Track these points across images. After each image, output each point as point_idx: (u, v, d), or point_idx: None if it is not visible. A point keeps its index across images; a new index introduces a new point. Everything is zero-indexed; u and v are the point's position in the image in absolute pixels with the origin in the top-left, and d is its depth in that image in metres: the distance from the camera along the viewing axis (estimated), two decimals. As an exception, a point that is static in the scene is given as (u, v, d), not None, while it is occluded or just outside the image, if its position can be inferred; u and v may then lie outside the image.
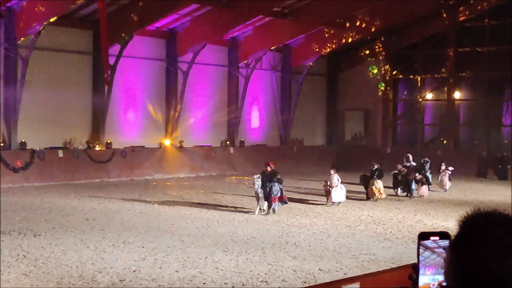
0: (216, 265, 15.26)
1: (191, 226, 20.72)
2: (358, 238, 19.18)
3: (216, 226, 20.71)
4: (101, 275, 14.12)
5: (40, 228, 19.63)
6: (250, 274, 14.42)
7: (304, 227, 20.94)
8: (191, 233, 19.38)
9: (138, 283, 13.53)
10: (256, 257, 16.16)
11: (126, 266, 14.98)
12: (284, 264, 15.45)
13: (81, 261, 15.42)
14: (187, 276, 14.13)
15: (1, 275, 13.92)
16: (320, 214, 23.63)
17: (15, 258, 15.56)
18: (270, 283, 13.78)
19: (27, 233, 18.84)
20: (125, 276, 14.01)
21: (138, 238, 18.38)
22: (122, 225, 20.60)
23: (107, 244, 17.45)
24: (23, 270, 14.44)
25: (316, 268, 15.18)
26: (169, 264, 15.29)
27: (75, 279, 13.69)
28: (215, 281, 13.82)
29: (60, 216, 22.08)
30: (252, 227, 20.60)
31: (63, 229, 19.67)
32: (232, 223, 21.37)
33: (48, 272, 14.26)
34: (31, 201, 25.86)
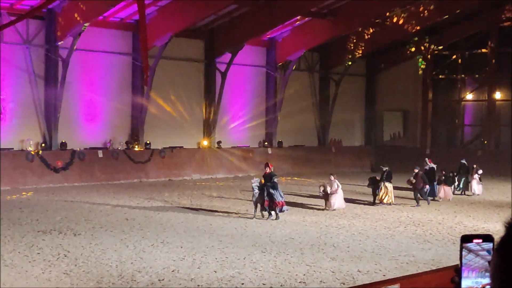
0: (254, 265, 15.26)
1: (229, 226, 20.76)
2: (397, 239, 19.03)
3: (254, 227, 20.72)
4: (140, 274, 14.22)
5: (80, 228, 19.84)
6: (288, 275, 14.39)
7: (342, 228, 20.85)
8: (229, 234, 19.41)
9: (177, 283, 13.59)
10: (294, 258, 16.13)
11: (165, 265, 15.06)
12: (323, 265, 15.40)
13: (121, 260, 15.55)
14: (226, 276, 14.15)
15: (42, 274, 14.10)
16: (358, 215, 23.50)
17: (56, 257, 15.75)
18: (308, 284, 13.74)
19: (68, 232, 19.05)
20: (164, 276, 14.09)
21: (176, 238, 18.48)
22: (161, 225, 20.71)
23: (146, 244, 17.56)
24: (64, 269, 14.61)
25: (355, 269, 15.09)
26: (208, 264, 15.33)
27: (114, 278, 13.80)
28: (253, 281, 13.82)
29: (99, 216, 22.30)
30: (290, 228, 20.57)
31: (102, 228, 19.85)
32: (270, 224, 21.35)
33: (88, 271, 14.40)
34: (71, 201, 26.15)
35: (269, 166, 22.92)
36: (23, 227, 19.86)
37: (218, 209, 24.43)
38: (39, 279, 13.69)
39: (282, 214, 22.27)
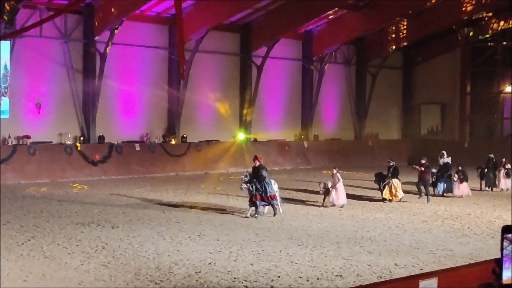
0: (291, 258, 15.28)
1: (265, 219, 20.79)
2: (435, 233, 18.90)
3: (291, 220, 20.73)
4: (177, 266, 14.32)
5: (118, 220, 20.03)
6: (324, 268, 14.38)
7: (379, 221, 20.75)
8: (266, 227, 19.45)
9: (214, 275, 13.66)
10: (330, 251, 16.11)
11: (202, 258, 15.15)
12: (359, 259, 15.36)
13: (158, 252, 15.67)
14: (262, 269, 14.19)
15: (81, 266, 14.28)
16: (395, 209, 23.37)
17: (94, 249, 15.93)
18: (345, 277, 13.71)
19: (106, 225, 19.25)
20: (201, 268, 14.17)
21: (213, 231, 18.56)
22: (197, 218, 20.82)
23: (183, 237, 17.68)
24: (102, 260, 14.77)
25: (392, 263, 15.03)
26: (244, 257, 15.39)
27: (152, 270, 13.92)
28: (289, 274, 13.84)
29: (137, 209, 22.49)
30: (326, 221, 20.54)
31: (140, 221, 20.02)
32: (306, 217, 21.34)
33: (126, 263, 14.54)
34: (109, 194, 26.41)
35: (258, 159, 21.85)
36: (62, 219, 20.12)
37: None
38: (78, 270, 13.86)
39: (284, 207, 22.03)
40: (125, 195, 26.16)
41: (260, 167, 21.62)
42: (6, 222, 19.34)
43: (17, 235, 17.57)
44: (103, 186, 28.95)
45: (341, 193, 23.44)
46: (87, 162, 31.87)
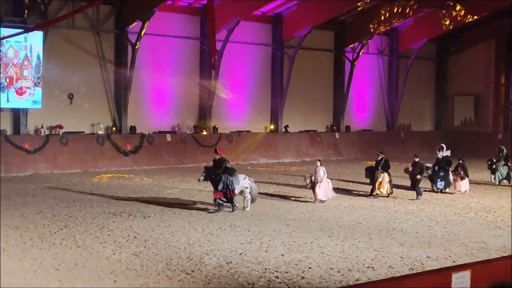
0: (322, 250, 15.28)
1: (296, 210, 20.81)
2: (468, 225, 18.76)
3: (322, 211, 20.70)
4: (208, 257, 14.39)
5: (149, 210, 20.16)
6: (356, 260, 14.36)
7: (411, 213, 20.65)
8: (297, 218, 19.46)
9: (245, 265, 13.71)
10: (362, 243, 16.08)
11: (233, 248, 15.21)
12: (391, 251, 15.31)
13: (189, 242, 15.76)
14: (293, 260, 14.21)
15: (113, 255, 14.42)
16: (428, 201, 23.23)
17: (126, 239, 16.07)
18: (377, 269, 13.68)
19: (137, 214, 19.40)
20: (232, 259, 14.23)
21: (244, 222, 18.62)
22: (228, 208, 20.87)
23: (214, 227, 17.75)
24: (134, 250, 14.90)
25: (424, 255, 14.95)
26: (275, 247, 15.42)
27: (183, 260, 14.01)
28: (320, 265, 13.85)
29: (168, 199, 22.62)
30: (358, 213, 20.49)
31: (171, 211, 20.14)
32: (338, 208, 21.30)
33: (158, 253, 14.65)
34: (141, 184, 26.59)
35: (218, 152, 20.51)
36: (94, 209, 20.31)
37: (285, 193, 24.48)
38: (110, 260, 14.00)
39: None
40: (156, 185, 26.33)
41: (222, 160, 20.34)
42: (39, 212, 19.59)
43: (50, 224, 17.79)
44: (134, 176, 29.16)
45: (326, 188, 22.15)
46: (119, 152, 32.12)
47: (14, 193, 23.42)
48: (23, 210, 19.82)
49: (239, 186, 20.37)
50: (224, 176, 19.95)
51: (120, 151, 32.14)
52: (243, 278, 12.82)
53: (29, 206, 20.54)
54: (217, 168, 20.15)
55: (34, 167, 29.45)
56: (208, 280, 12.63)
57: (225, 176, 19.97)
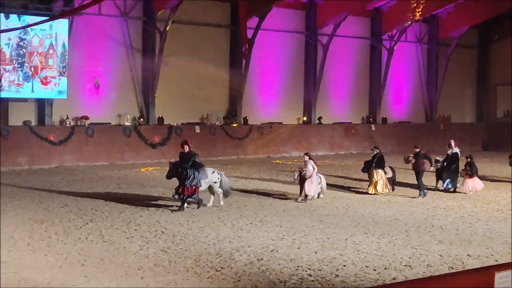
0: (357, 247, 15.23)
1: (330, 206, 20.76)
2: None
3: (357, 207, 20.64)
4: (239, 253, 14.42)
5: (177, 204, 20.22)
6: (392, 258, 14.30)
7: (451, 209, 20.50)
8: (330, 213, 19.42)
9: (276, 262, 13.71)
10: (399, 240, 16.00)
11: (264, 245, 15.22)
12: (430, 248, 15.21)
13: (219, 238, 15.81)
14: (327, 258, 14.19)
15: (140, 251, 14.51)
16: (468, 197, 23.04)
17: (154, 234, 16.16)
18: (414, 267, 13.60)
19: (165, 209, 19.48)
20: (263, 255, 14.24)
21: (275, 217, 18.62)
22: (259, 203, 20.91)
23: (244, 222, 17.79)
24: (161, 246, 14.98)
25: (464, 253, 14.84)
26: (308, 244, 15.40)
27: (212, 257, 14.06)
28: (355, 263, 13.80)
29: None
30: (395, 209, 20.39)
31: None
32: (374, 204, 21.22)
33: (186, 249, 14.71)
34: (169, 177, 26.68)
35: (188, 145, 19.71)
36: (120, 203, 20.44)
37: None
38: (137, 255, 14.09)
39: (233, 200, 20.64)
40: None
41: (190, 153, 19.63)
42: (64, 205, 19.78)
43: (75, 218, 17.95)
44: (162, 168, 29.30)
45: (315, 183, 21.31)
46: (146, 144, 32.29)
47: (39, 185, 23.68)
48: (48, 204, 20.03)
49: (207, 181, 19.77)
50: (191, 171, 19.23)
51: (147, 143, 32.31)
52: (275, 276, 12.82)
53: (54, 200, 20.76)
54: (184, 161, 19.44)
55: (59, 159, 29.73)
56: (238, 278, 12.65)
57: (191, 170, 19.26)
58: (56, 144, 29.82)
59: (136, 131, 32.15)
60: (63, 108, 30.96)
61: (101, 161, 30.59)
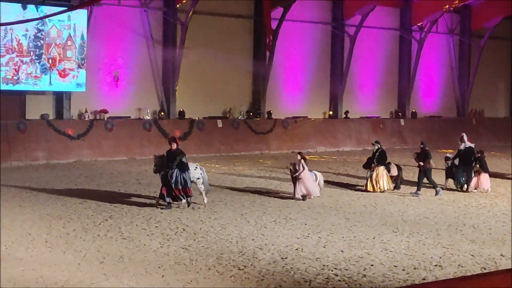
0: (385, 246, 15.19)
1: (357, 203, 20.72)
2: (546, 222, 18.44)
3: (385, 204, 20.58)
4: (262, 251, 14.44)
5: (199, 201, 20.27)
6: (422, 257, 14.24)
7: (483, 208, 20.38)
8: (357, 211, 19.38)
9: (301, 261, 13.71)
10: (429, 239, 15.93)
11: (288, 243, 15.23)
12: (461, 248, 15.13)
13: (241, 236, 15.84)
14: (353, 257, 14.16)
15: (161, 248, 14.57)
16: (502, 194, 22.89)
17: (174, 231, 16.22)
18: (445, 267, 13.54)
19: (185, 205, 19.52)
20: (287, 254, 14.25)
21: (300, 215, 18.62)
22: (283, 200, 20.90)
23: (268, 220, 17.80)
24: (182, 243, 15.03)
25: (497, 253, 14.74)
26: (334, 243, 15.38)
27: (235, 255, 14.08)
28: (383, 263, 13.77)
29: (219, 189, 22.75)
30: (424, 207, 20.31)
31: (222, 202, 20.27)
32: (402, 202, 21.14)
33: (208, 247, 14.76)
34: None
35: (177, 142, 19.29)
36: (140, 199, 20.54)
37: (344, 184, 24.39)
38: (157, 253, 14.15)
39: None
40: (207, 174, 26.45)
41: (178, 152, 19.16)
42: (83, 201, 19.90)
43: (94, 214, 18.06)
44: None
45: (310, 184, 20.96)
46: (167, 138, 32.26)
47: (57, 181, 23.85)
48: (66, 199, 20.16)
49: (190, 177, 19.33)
50: (177, 172, 18.85)
51: (168, 137, 32.33)
52: (299, 275, 12.82)
53: (72, 195, 20.89)
54: (170, 160, 18.91)
55: (78, 153, 29.91)
56: (262, 277, 12.67)
57: (177, 171, 18.86)
58: (74, 138, 29.99)
59: (156, 125, 32.26)
60: (82, 101, 31.14)
61: (120, 156, 30.73)
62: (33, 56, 29.17)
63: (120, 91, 32.58)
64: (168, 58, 33.10)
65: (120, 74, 32.51)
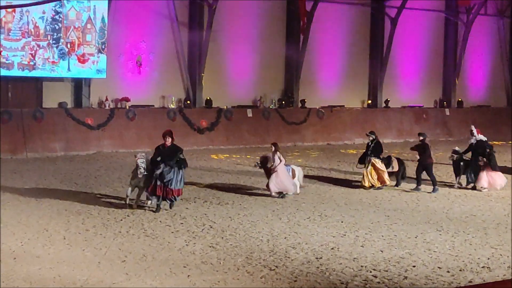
0: (428, 246, 15.15)
1: (398, 199, 20.66)
2: None
3: (428, 201, 20.50)
4: (295, 251, 14.46)
5: (228, 196, 20.36)
6: (468, 258, 14.18)
7: (536, 205, 20.24)
8: (398, 208, 19.33)
9: (337, 262, 13.71)
10: (476, 239, 15.86)
11: (323, 242, 15.24)
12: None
13: (273, 234, 15.87)
14: (394, 257, 14.14)
15: (186, 246, 14.64)
16: (556, 191, 22.70)
17: (201, 228, 16.29)
18: (493, 269, 13.48)
19: (213, 201, 19.62)
20: (322, 254, 14.26)
21: (336, 211, 18.61)
22: (318, 195, 20.91)
23: (302, 217, 17.81)
24: (210, 241, 15.09)
25: (551, 254, 14.66)
26: (373, 242, 15.37)
27: (266, 254, 14.12)
28: (426, 264, 13.73)
29: (249, 183, 22.80)
30: (471, 203, 20.21)
31: (252, 197, 20.31)
32: (447, 198, 21.05)
33: (237, 245, 14.80)
34: (217, 165, 26.84)
35: (172, 137, 18.44)
36: (164, 193, 20.62)
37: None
38: (183, 251, 14.22)
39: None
40: (235, 167, 26.54)
41: (174, 147, 18.37)
42: (103, 195, 20.05)
43: (115, 210, 18.18)
44: (210, 156, 29.45)
45: (285, 179, 20.41)
46: (192, 129, 32.45)
47: (75, 174, 24.04)
48: (85, 194, 20.32)
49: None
50: (176, 170, 18.00)
51: (194, 128, 32.47)
52: (335, 276, 12.83)
53: (92, 189, 21.05)
54: (166, 157, 17.96)
55: (97, 144, 30.10)
56: (295, 278, 12.70)
57: (176, 169, 18.00)
58: (94, 129, 30.18)
59: (181, 115, 32.35)
60: (102, 88, 31.29)
61: (143, 147, 30.72)
62: (51, 40, 29.36)
63: (143, 78, 32.70)
64: (195, 42, 33.13)
65: (143, 60, 32.61)
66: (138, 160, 18.16)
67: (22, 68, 28.83)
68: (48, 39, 29.31)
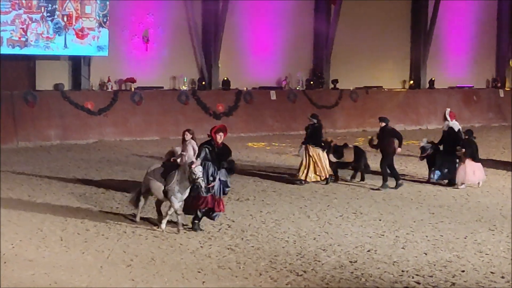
0: (479, 247, 15.09)
1: (445, 195, 20.59)
2: None
3: (480, 196, 20.42)
4: (326, 253, 14.44)
5: (248, 191, 20.36)
6: (526, 262, 14.15)
7: None
8: (445, 204, 19.27)
9: (374, 266, 13.69)
10: (535, 240, 15.81)
11: (358, 243, 15.21)
12: None
13: (300, 234, 15.85)
14: (439, 261, 14.09)
15: (201, 248, 14.65)
16: None
17: (218, 228, 16.28)
18: (555, 275, 13.43)
19: (231, 196, 19.57)
20: (357, 257, 14.23)
21: (373, 208, 18.58)
22: (352, 189, 20.89)
23: (333, 215, 17.79)
24: (227, 243, 15.10)
25: None
26: (415, 243, 15.33)
27: (292, 257, 14.10)
28: (477, 268, 13.68)
29: (273, 177, 22.77)
30: (529, 199, 20.13)
31: (276, 192, 20.31)
32: (502, 192, 20.97)
33: (258, 247, 14.80)
34: (236, 156, 26.77)
35: (226, 133, 16.73)
36: (175, 188, 20.65)
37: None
38: (196, 254, 14.23)
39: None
40: (256, 157, 26.54)
41: (226, 147, 16.68)
42: (105, 191, 20.09)
43: (119, 206, 18.23)
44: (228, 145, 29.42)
45: None
46: (208, 114, 32.47)
47: (74, 166, 24.12)
48: (85, 188, 20.37)
49: None
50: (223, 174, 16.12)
51: (209, 113, 32.49)
52: (372, 283, 12.81)
53: (92, 183, 21.09)
54: (217, 160, 16.19)
55: (99, 132, 30.19)
56: (325, 284, 12.69)
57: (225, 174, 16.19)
58: (94, 114, 30.28)
59: (194, 98, 32.40)
60: (104, 68, 31.35)
61: (150, 135, 30.91)
62: (45, 12, 29.41)
63: (151, 56, 32.72)
64: (210, 14, 33.10)
65: (151, 35, 32.63)
66: (195, 168, 15.48)
67: (13, 44, 28.88)
68: (42, 11, 29.35)
